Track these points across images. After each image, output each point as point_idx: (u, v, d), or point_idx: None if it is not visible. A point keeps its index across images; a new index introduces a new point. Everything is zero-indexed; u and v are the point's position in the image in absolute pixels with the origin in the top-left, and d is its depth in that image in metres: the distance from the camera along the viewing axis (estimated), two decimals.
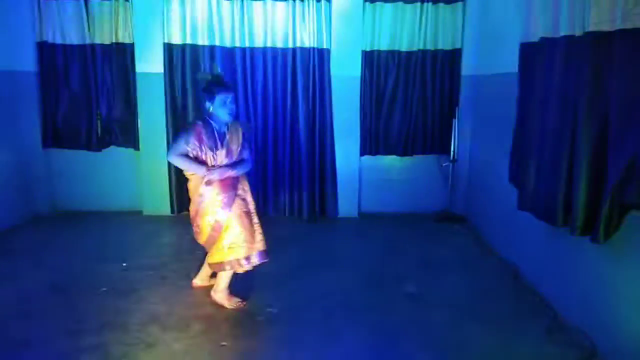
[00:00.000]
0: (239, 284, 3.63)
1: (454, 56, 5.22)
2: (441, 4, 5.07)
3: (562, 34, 2.87)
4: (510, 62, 3.77)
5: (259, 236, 3.33)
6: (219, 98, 3.12)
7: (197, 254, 3.95)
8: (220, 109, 3.13)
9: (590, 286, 2.87)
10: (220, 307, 3.29)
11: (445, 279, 3.81)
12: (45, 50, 5.09)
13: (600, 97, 2.57)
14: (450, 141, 5.26)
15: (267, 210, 5.36)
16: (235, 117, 3.33)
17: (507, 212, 3.95)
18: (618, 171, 2.41)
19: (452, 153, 5.26)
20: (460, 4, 5.11)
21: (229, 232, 3.18)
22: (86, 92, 5.19)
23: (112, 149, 5.37)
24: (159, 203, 5.24)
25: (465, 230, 5.02)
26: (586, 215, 2.66)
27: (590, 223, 2.64)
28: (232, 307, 3.28)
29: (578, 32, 2.73)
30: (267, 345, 2.88)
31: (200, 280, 3.60)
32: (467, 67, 5.20)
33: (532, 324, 3.10)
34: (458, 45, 5.19)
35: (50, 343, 2.82)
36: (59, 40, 5.09)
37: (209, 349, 2.81)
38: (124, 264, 3.97)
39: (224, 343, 2.85)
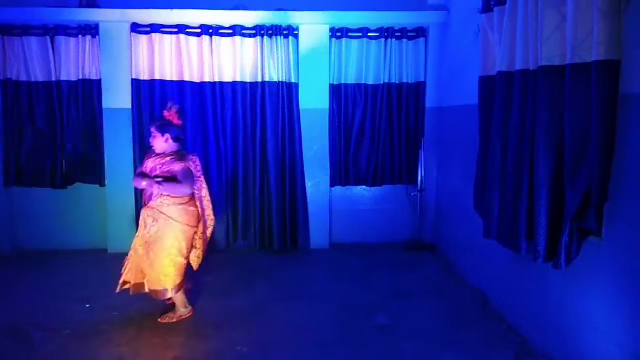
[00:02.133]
0: (205, 321, 3.56)
1: (418, 89, 5.38)
2: (405, 40, 5.26)
3: (518, 68, 3.01)
4: (471, 94, 3.91)
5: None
6: None
7: None
8: None
9: (555, 312, 2.93)
10: (188, 348, 3.21)
11: (416, 308, 3.82)
12: (10, 88, 5.02)
13: (555, 128, 2.69)
14: (418, 171, 5.37)
15: (237, 242, 5.30)
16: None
17: (475, 240, 4.02)
18: (576, 199, 2.51)
19: (419, 183, 5.36)
20: (422, 39, 5.30)
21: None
22: (51, 128, 5.11)
23: (77, 186, 5.26)
24: (125, 240, 5.09)
25: (434, 258, 5.07)
26: (548, 242, 2.73)
27: (552, 249, 2.71)
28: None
29: (532, 67, 2.87)
30: None
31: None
32: (431, 99, 5.37)
33: (501, 351, 3.13)
34: (422, 79, 5.37)
35: None
36: (23, 78, 5.03)
37: None
38: (87, 305, 3.84)
39: None
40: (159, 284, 3.46)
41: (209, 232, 3.75)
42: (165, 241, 3.42)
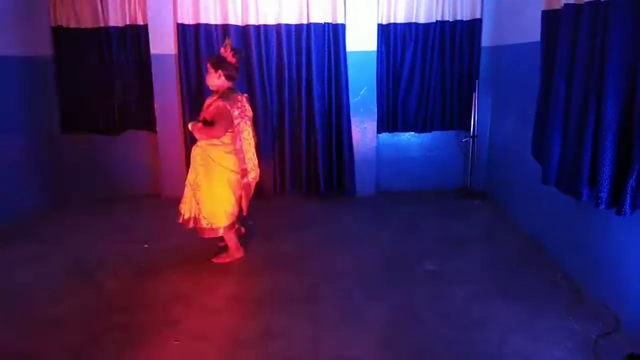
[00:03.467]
0: (257, 263, 3.66)
1: (473, 27, 5.06)
2: None
3: None
4: (532, 31, 3.64)
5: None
6: None
7: None
8: None
9: (613, 260, 2.81)
10: (242, 287, 3.33)
11: (467, 256, 3.77)
12: (61, 35, 5.10)
13: (627, 65, 2.47)
14: (470, 116, 5.15)
15: (284, 187, 5.35)
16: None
17: (530, 187, 3.87)
18: None
19: (471, 128, 5.16)
20: None
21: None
22: (102, 75, 5.20)
23: (129, 132, 5.40)
24: (177, 185, 5.26)
25: (486, 206, 4.95)
26: (612, 187, 2.58)
27: (616, 195, 2.56)
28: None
29: None
30: (289, 322, 2.89)
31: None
32: (488, 37, 5.05)
33: (554, 298, 3.06)
34: (478, 16, 5.03)
35: (78, 322, 2.89)
36: (73, 24, 5.09)
37: (232, 325, 2.85)
38: (145, 245, 4.02)
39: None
40: (208, 222, 3.53)
41: (251, 176, 3.61)
42: (210, 183, 3.46)
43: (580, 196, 2.84)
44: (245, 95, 3.66)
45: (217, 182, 3.48)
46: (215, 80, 3.45)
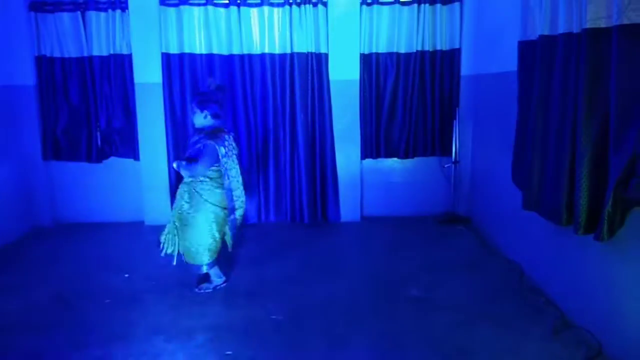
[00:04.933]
0: (240, 291, 3.63)
1: (452, 56, 5.20)
2: (438, 5, 5.06)
3: (561, 31, 2.86)
4: (509, 61, 3.75)
5: None
6: None
7: None
8: None
9: (595, 284, 2.84)
10: (225, 316, 3.28)
11: (450, 281, 3.78)
12: (44, 64, 5.11)
13: (600, 94, 2.56)
14: (452, 142, 5.24)
15: (268, 216, 5.34)
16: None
17: (511, 212, 3.92)
18: (620, 168, 2.39)
19: (453, 154, 5.24)
20: (457, 4, 5.10)
21: None
22: (85, 103, 5.20)
23: (112, 160, 5.37)
24: (161, 213, 5.22)
25: (469, 231, 4.99)
26: (589, 213, 2.64)
27: (593, 221, 2.62)
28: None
29: (576, 29, 2.72)
30: (273, 354, 2.85)
31: None
32: (467, 66, 5.19)
33: (538, 323, 3.07)
34: (457, 45, 5.18)
35: (58, 355, 2.82)
36: (57, 54, 5.11)
37: (214, 358, 2.79)
38: (126, 275, 3.96)
39: (228, 352, 2.83)
40: (193, 259, 3.54)
41: (238, 214, 3.63)
42: (197, 219, 3.47)
43: (560, 222, 2.90)
44: (232, 134, 3.69)
45: (202, 217, 3.47)
46: (202, 119, 3.49)
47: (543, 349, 2.80)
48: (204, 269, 3.59)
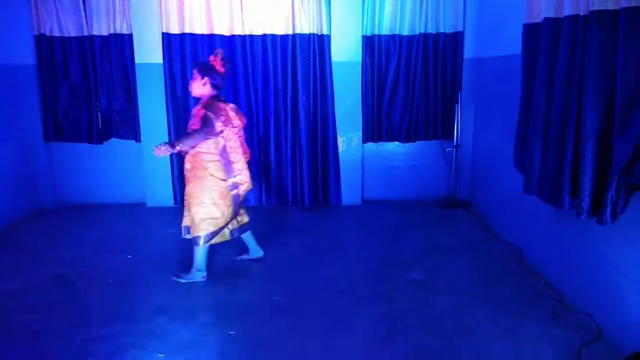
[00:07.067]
0: (242, 273, 3.64)
1: (455, 39, 5.15)
2: None
3: (566, 13, 2.82)
4: (513, 44, 3.71)
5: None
6: None
7: None
8: None
9: (595, 268, 2.86)
10: (226, 297, 3.31)
11: (451, 264, 3.80)
12: (44, 43, 5.05)
13: (606, 77, 2.53)
14: (453, 126, 5.22)
15: (270, 199, 5.35)
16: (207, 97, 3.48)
17: (512, 196, 3.93)
18: (625, 152, 2.38)
19: (455, 138, 5.23)
20: None
21: None
22: (86, 84, 5.16)
23: (114, 141, 5.35)
24: (162, 194, 5.24)
25: (469, 215, 5.00)
26: (593, 197, 2.64)
27: (597, 205, 2.62)
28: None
29: (582, 12, 2.68)
30: (275, 335, 2.87)
31: None
32: (470, 50, 5.14)
33: (538, 306, 3.10)
34: (460, 28, 5.12)
35: (60, 335, 2.84)
36: (56, 33, 5.05)
37: (217, 338, 2.82)
38: (129, 256, 3.97)
39: (231, 332, 2.86)
40: (193, 229, 3.46)
41: (242, 188, 3.54)
42: (197, 189, 3.40)
43: (561, 206, 2.90)
44: (232, 105, 3.62)
45: (201, 189, 3.41)
46: (200, 87, 3.40)
47: (542, 332, 2.83)
48: (201, 242, 3.43)
